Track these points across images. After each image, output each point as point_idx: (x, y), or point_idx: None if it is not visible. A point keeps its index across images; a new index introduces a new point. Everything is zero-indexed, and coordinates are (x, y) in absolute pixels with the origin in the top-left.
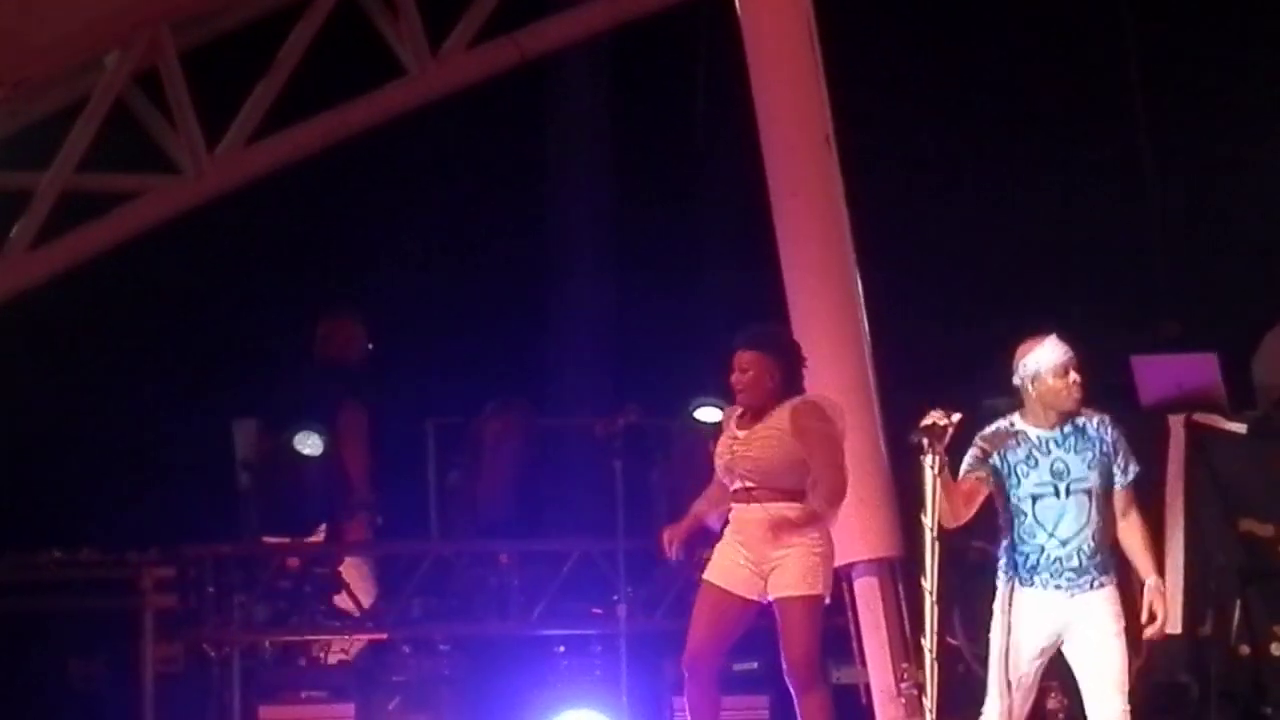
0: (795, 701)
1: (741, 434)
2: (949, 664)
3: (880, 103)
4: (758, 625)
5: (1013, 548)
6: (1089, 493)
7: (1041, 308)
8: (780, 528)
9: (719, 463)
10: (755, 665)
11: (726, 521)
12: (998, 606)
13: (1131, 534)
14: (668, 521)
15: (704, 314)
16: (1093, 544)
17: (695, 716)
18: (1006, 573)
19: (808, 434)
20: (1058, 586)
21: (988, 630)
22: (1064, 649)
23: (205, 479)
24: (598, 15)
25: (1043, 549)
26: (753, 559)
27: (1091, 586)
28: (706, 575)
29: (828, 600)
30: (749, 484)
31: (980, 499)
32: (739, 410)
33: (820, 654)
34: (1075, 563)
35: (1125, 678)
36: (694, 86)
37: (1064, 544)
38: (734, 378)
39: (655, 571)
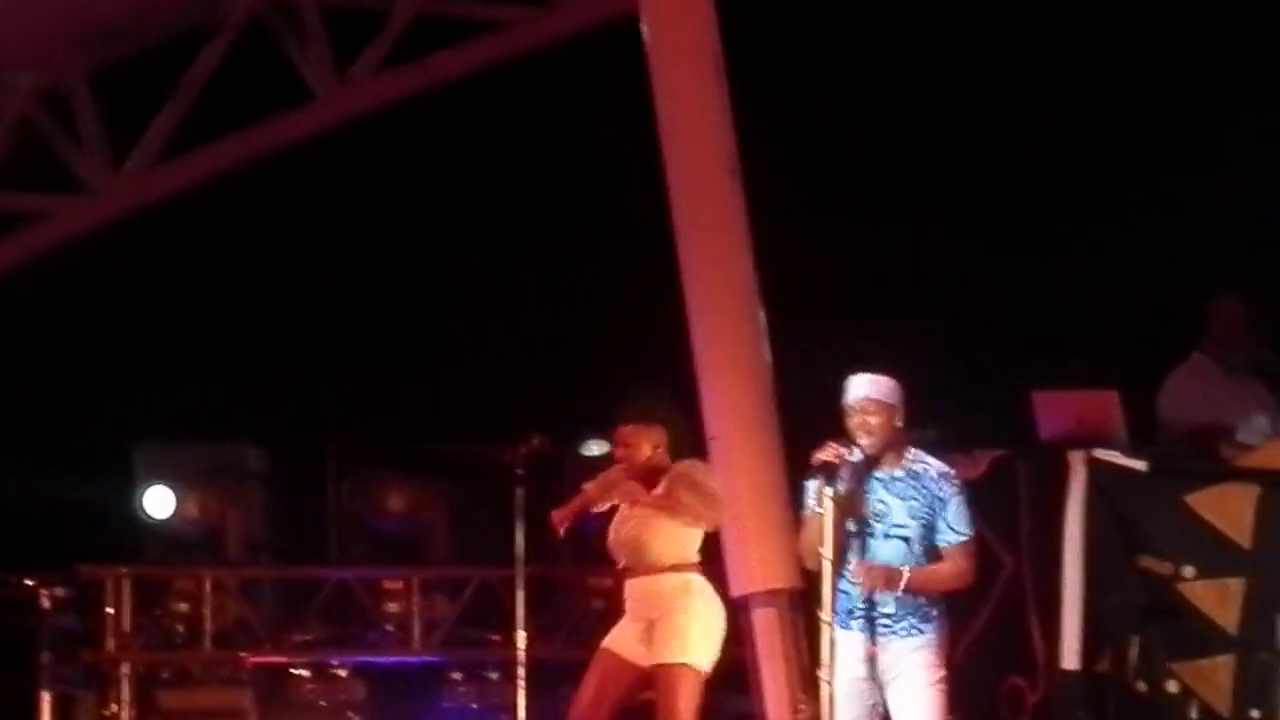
0: None
1: (624, 511)
2: None
3: (785, 136)
4: None
5: (835, 588)
6: (906, 540)
7: (947, 341)
8: (658, 599)
9: (610, 537)
10: None
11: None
12: (825, 649)
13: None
14: (568, 549)
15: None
16: (908, 592)
17: None
18: (831, 614)
19: (673, 490)
20: (876, 631)
21: None
22: (886, 694)
23: (106, 501)
24: (505, 44)
25: (858, 589)
26: (639, 628)
27: (908, 634)
28: (604, 641)
29: (704, 672)
30: (627, 562)
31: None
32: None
33: None
34: (891, 608)
35: None
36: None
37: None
38: (618, 453)
39: (554, 599)
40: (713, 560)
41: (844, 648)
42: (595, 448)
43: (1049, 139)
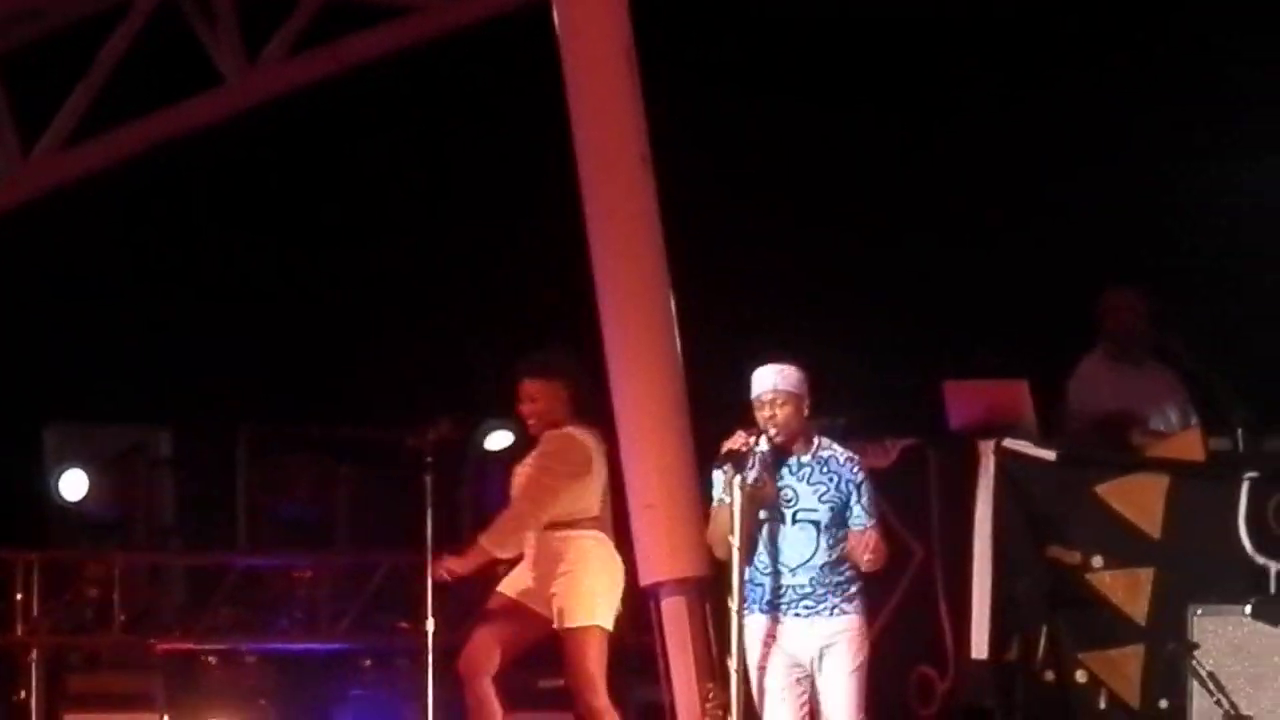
0: None
1: (519, 467)
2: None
3: (698, 124)
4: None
5: (748, 573)
6: (816, 524)
7: (858, 330)
8: (556, 558)
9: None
10: (562, 682)
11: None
12: (734, 634)
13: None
14: (476, 534)
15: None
16: (823, 574)
17: None
18: (740, 601)
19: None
20: (793, 614)
21: None
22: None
23: (13, 483)
24: (415, 28)
25: (772, 577)
26: (540, 580)
27: (831, 614)
28: (501, 586)
29: (608, 628)
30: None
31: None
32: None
33: (601, 682)
34: (809, 589)
35: (858, 715)
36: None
37: (793, 572)
38: (523, 408)
39: (463, 586)
40: (623, 549)
41: (757, 634)
42: (497, 439)
43: (961, 129)
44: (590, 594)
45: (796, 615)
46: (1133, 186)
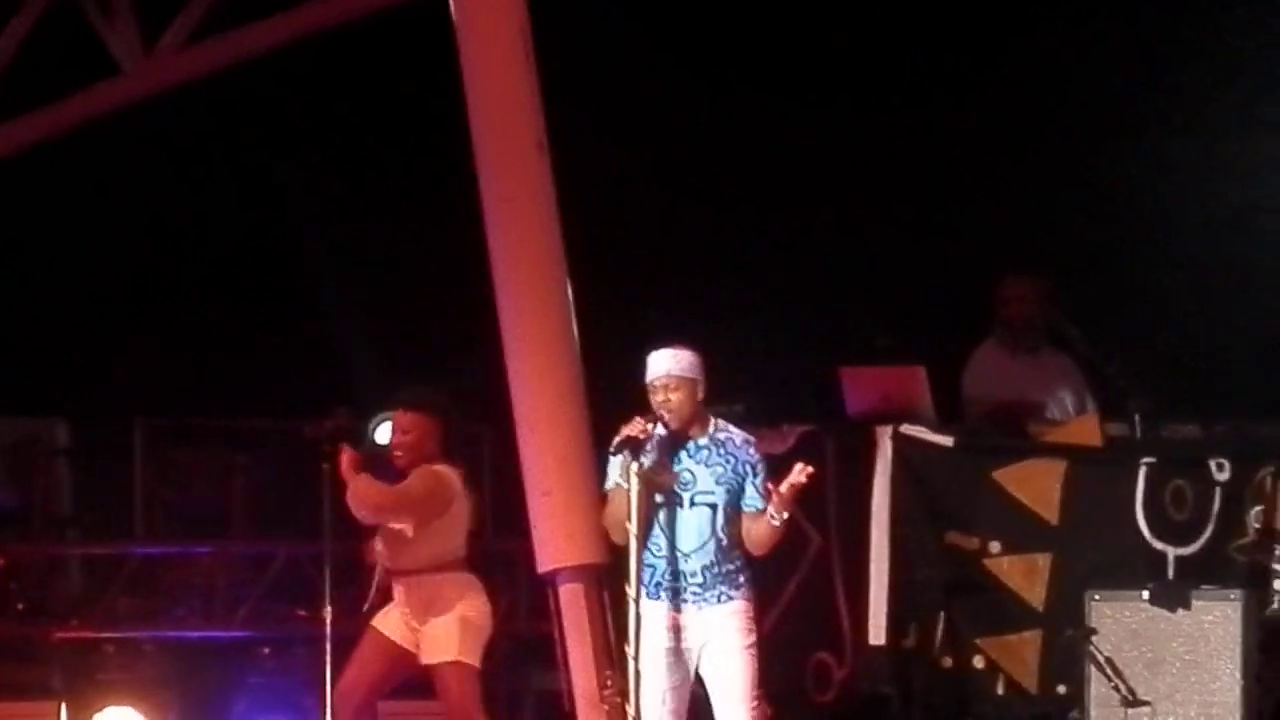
0: None
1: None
2: None
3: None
4: None
5: (642, 559)
6: (713, 507)
7: (756, 316)
8: (428, 598)
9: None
10: None
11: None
12: (631, 621)
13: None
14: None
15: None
16: (717, 558)
17: None
18: (637, 587)
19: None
20: (684, 600)
21: None
22: (699, 664)
23: None
24: (312, 17)
25: (667, 561)
26: (408, 617)
27: (719, 601)
28: (374, 621)
29: (476, 665)
30: (392, 564)
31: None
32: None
33: (479, 714)
34: (700, 578)
35: (753, 691)
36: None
37: (687, 557)
38: (395, 439)
39: (361, 575)
40: (520, 536)
41: (652, 620)
42: (385, 432)
43: (859, 112)
44: (459, 631)
45: (688, 602)
46: (1034, 170)
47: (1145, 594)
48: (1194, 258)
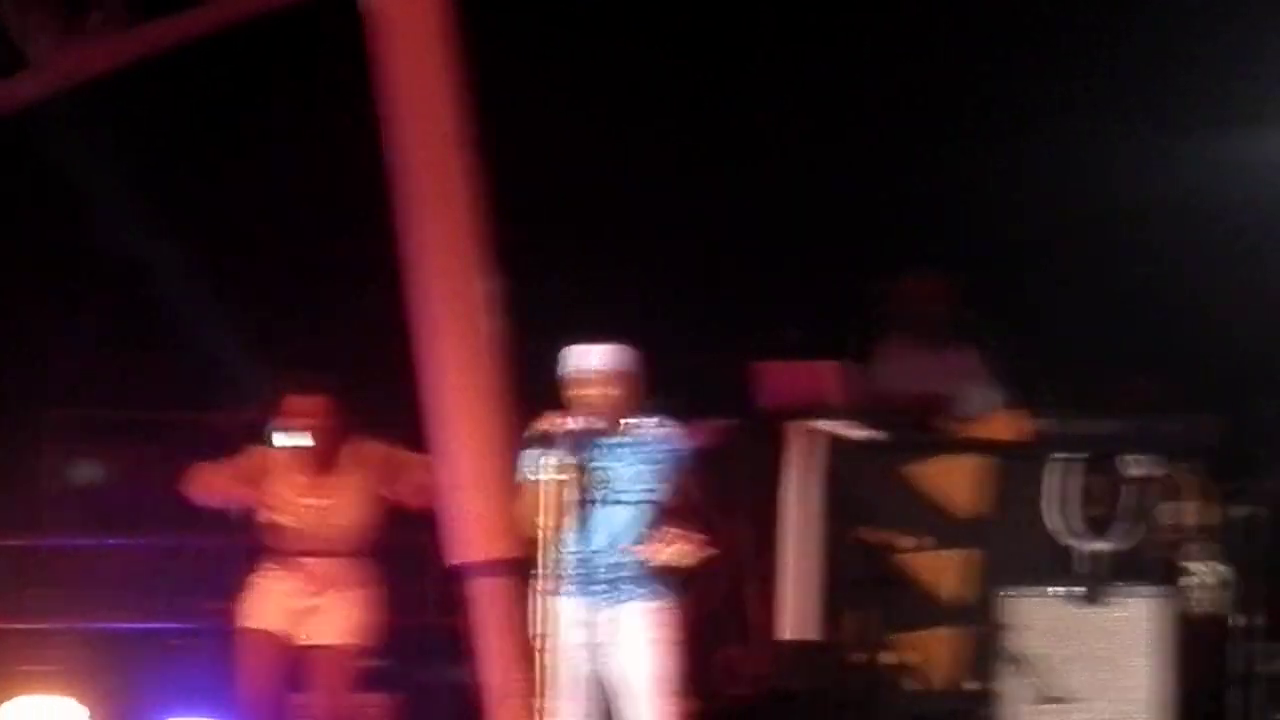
0: None
1: (311, 499)
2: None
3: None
4: None
5: (553, 556)
6: (627, 505)
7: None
8: (330, 579)
9: (279, 516)
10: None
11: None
12: (539, 615)
13: None
14: None
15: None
16: (627, 556)
17: None
18: (548, 582)
19: (392, 460)
20: (594, 597)
21: None
22: (612, 659)
23: None
24: (225, 10)
25: (579, 557)
26: (294, 603)
27: (629, 599)
28: (250, 622)
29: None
30: (307, 543)
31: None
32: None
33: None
34: (610, 575)
35: (662, 689)
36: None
37: (598, 554)
38: (305, 423)
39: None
40: (426, 529)
41: (565, 615)
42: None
43: (774, 105)
44: (358, 614)
45: (598, 598)
46: (944, 164)
47: (1058, 590)
48: (1097, 254)
